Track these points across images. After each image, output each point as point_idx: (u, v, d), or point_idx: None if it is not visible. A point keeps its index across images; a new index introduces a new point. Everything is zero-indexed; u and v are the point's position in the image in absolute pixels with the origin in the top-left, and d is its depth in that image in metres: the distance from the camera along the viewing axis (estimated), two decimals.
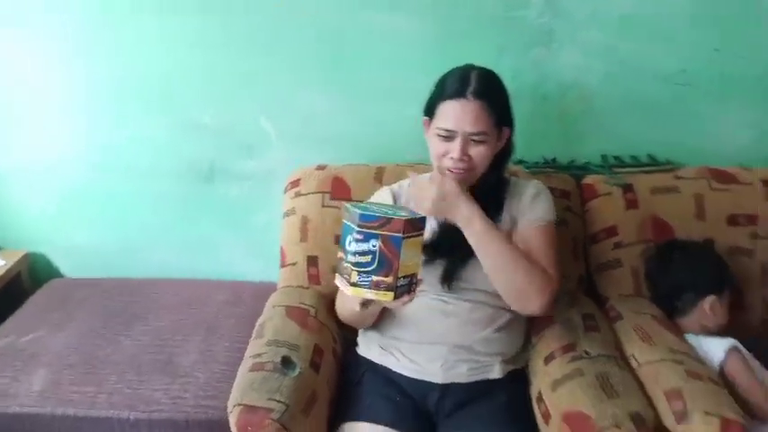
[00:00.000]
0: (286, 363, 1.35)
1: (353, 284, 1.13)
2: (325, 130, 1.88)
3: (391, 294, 1.13)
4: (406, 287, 1.16)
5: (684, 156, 1.84)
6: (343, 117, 1.86)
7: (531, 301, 1.36)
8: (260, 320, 1.55)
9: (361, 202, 1.20)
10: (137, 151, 1.93)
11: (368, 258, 1.10)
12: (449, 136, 1.37)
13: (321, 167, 1.78)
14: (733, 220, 1.70)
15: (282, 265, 1.74)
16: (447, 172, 1.39)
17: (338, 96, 1.84)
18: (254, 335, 1.50)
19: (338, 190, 1.71)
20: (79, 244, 2.05)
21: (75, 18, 1.79)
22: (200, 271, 2.03)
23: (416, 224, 1.14)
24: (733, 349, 1.49)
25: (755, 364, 1.52)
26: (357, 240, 1.10)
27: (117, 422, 1.45)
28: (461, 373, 1.43)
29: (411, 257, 1.14)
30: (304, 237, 1.70)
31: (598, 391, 1.29)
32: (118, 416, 1.45)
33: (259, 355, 1.39)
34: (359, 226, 1.09)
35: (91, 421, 1.46)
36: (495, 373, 1.45)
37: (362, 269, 1.11)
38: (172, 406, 1.46)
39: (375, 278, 1.11)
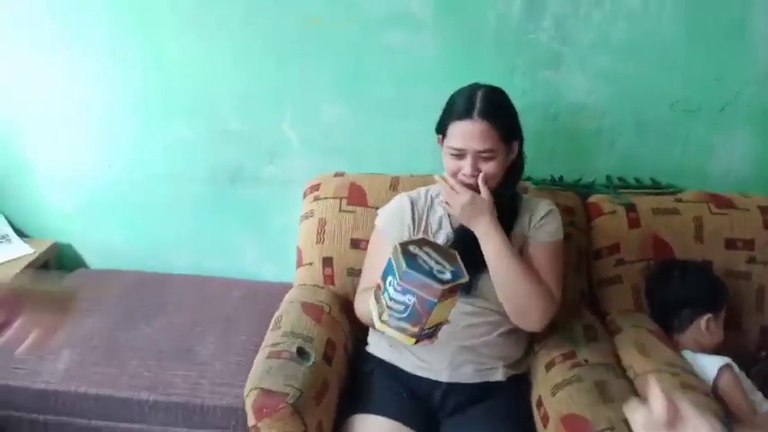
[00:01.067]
0: (301, 353, 1.41)
1: (383, 321, 1.18)
2: (344, 140, 1.94)
3: (413, 340, 1.18)
4: (429, 334, 1.21)
5: (685, 180, 1.88)
6: (362, 129, 1.92)
7: (532, 320, 1.46)
8: (277, 314, 1.60)
9: (413, 242, 1.22)
10: (164, 154, 1.99)
11: (401, 308, 1.15)
12: (460, 154, 1.44)
13: (339, 174, 1.85)
14: (731, 244, 1.74)
15: (299, 265, 1.80)
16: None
17: (358, 109, 1.90)
18: (270, 326, 1.56)
19: (355, 196, 1.77)
20: (105, 239, 2.12)
21: (113, 31, 1.87)
22: (217, 269, 2.08)
23: (455, 288, 1.16)
24: (726, 367, 1.52)
25: (747, 383, 1.55)
26: (396, 290, 1.15)
27: (137, 403, 1.51)
28: (467, 374, 1.49)
29: (441, 313, 1.18)
30: (320, 239, 1.75)
31: (595, 396, 1.33)
32: (138, 397, 1.51)
33: (276, 344, 1.44)
34: (401, 279, 1.14)
35: (112, 401, 1.51)
36: (498, 375, 1.51)
37: (394, 313, 1.16)
38: (189, 390, 1.52)
39: (403, 324, 1.16)
